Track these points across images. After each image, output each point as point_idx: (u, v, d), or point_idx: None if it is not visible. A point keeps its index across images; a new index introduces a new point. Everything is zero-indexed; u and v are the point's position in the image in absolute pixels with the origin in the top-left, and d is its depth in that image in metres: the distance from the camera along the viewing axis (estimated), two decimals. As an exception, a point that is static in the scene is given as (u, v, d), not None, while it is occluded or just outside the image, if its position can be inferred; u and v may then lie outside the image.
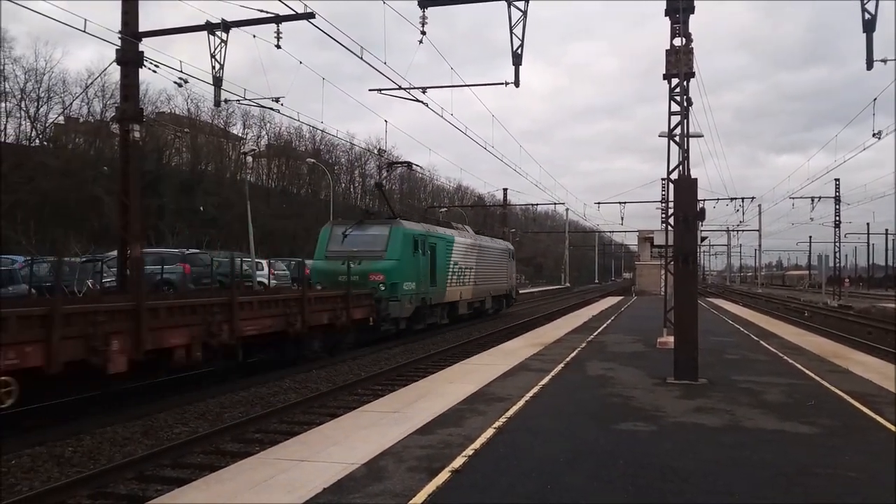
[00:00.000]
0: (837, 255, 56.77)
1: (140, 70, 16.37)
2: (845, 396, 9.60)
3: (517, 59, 14.93)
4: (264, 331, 14.30)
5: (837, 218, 54.44)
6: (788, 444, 6.99)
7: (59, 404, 11.05)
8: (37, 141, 49.89)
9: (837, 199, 53.79)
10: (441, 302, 25.05)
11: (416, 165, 30.38)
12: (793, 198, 52.70)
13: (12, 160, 43.59)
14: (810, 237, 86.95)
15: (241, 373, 14.70)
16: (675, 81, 13.50)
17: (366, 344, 19.74)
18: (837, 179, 53.83)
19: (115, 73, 17.11)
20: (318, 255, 22.49)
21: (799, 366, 12.72)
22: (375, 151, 68.51)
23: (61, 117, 51.08)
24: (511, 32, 14.58)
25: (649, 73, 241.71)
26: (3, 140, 47.68)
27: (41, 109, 50.13)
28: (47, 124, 50.70)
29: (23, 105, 49.05)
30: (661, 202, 46.10)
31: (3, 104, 47.01)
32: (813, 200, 53.32)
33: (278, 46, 15.86)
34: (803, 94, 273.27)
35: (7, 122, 49.12)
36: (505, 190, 62.85)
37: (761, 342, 16.98)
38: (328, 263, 21.19)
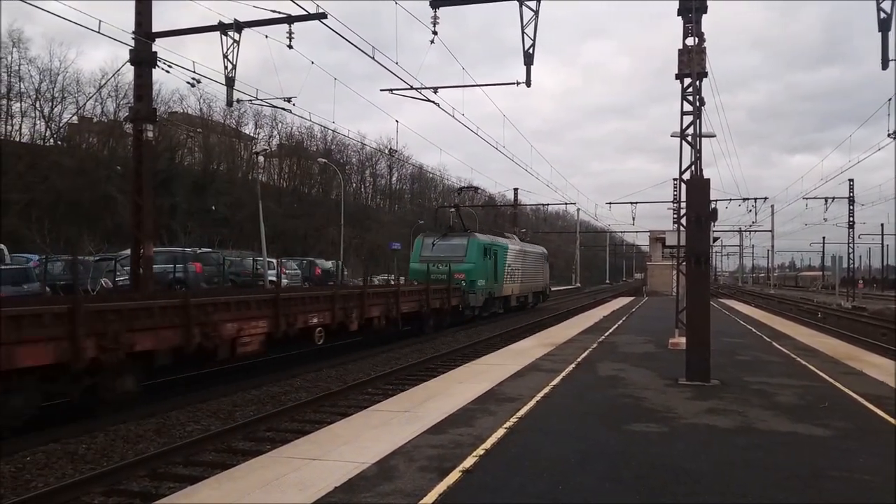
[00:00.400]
0: (851, 256, 56.41)
1: (153, 70, 16.49)
2: (859, 399, 9.51)
3: (528, 59, 14.92)
4: (409, 310, 22.05)
5: (851, 219, 54.09)
6: (802, 447, 6.94)
7: (72, 402, 11.15)
8: (51, 140, 50.36)
9: (851, 200, 53.43)
10: (500, 295, 31.97)
11: (480, 189, 39.51)
12: (806, 198, 52.31)
13: (27, 159, 44.00)
14: (824, 238, 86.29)
15: (385, 341, 21.07)
16: (687, 81, 13.46)
17: (454, 325, 26.64)
18: (851, 180, 53.56)
19: (128, 73, 17.19)
20: (413, 259, 29.54)
21: (812, 367, 12.62)
22: (386, 151, 68.62)
23: (75, 117, 51.56)
24: (523, 32, 14.58)
25: (662, 72, 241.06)
26: (18, 140, 48.15)
27: (55, 109, 50.67)
28: (61, 124, 51.25)
29: (37, 105, 49.58)
30: (673, 202, 45.95)
31: (3, 103, 47.44)
32: (826, 201, 52.97)
33: (290, 46, 15.93)
34: (817, 93, 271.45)
35: (22, 121, 49.66)
36: (516, 190, 62.68)
37: (774, 343, 16.87)
38: (422, 265, 27.18)
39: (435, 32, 14.74)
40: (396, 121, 35.01)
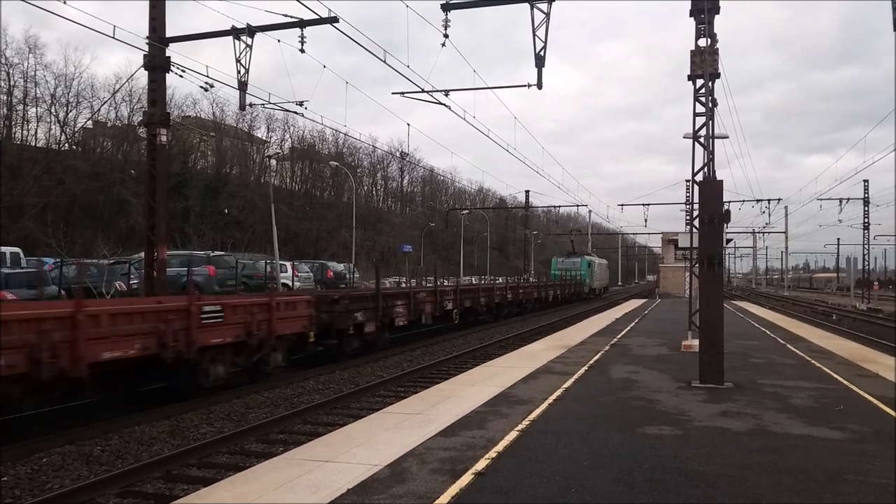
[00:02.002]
0: (866, 257, 55.87)
1: (167, 74, 16.62)
2: (875, 401, 9.42)
3: (540, 61, 14.91)
4: (553, 294, 44.56)
5: (866, 220, 53.59)
6: (817, 450, 6.88)
7: (86, 404, 11.25)
8: (66, 145, 50.80)
9: (866, 201, 52.94)
10: (592, 287, 60.27)
11: (577, 232, 73.36)
12: (820, 199, 51.92)
13: (43, 163, 44.44)
14: (838, 239, 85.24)
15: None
16: (699, 82, 13.41)
17: (573, 302, 50.62)
18: (866, 180, 53.06)
19: (142, 77, 17.37)
20: (553, 269, 58.36)
21: (827, 370, 12.52)
22: (398, 154, 68.75)
23: (90, 122, 51.98)
24: (534, 34, 14.57)
25: (676, 73, 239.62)
26: (34, 144, 48.65)
27: (70, 114, 51.12)
28: (76, 128, 51.63)
29: (53, 110, 50.05)
30: (685, 204, 45.70)
31: (19, 108, 47.95)
32: (841, 202, 52.50)
33: (302, 51, 16.01)
34: (835, 93, 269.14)
35: (38, 126, 50.17)
36: (527, 192, 62.79)
37: (788, 346, 16.75)
38: (558, 272, 55.29)
39: (446, 35, 14.75)
40: (408, 124, 35.25)
